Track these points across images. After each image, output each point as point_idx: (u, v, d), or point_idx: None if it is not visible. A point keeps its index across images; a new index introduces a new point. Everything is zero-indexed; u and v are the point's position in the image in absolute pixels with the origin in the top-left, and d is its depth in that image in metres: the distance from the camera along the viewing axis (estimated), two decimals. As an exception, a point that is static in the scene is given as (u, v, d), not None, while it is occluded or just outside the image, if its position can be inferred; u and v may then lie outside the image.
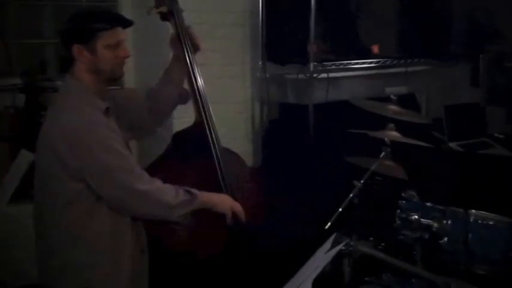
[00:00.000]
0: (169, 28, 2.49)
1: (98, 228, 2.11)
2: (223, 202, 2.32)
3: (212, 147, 2.47)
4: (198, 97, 2.47)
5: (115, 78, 2.20)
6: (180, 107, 2.54)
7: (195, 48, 2.48)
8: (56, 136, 2.05)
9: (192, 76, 2.46)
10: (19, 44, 3.91)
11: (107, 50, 2.10)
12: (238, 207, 2.33)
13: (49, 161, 2.08)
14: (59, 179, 2.07)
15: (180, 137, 2.57)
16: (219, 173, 2.46)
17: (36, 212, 2.21)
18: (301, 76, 4.03)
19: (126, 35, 2.16)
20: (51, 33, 4.06)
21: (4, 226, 3.15)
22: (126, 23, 2.16)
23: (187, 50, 2.44)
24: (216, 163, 2.46)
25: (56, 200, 2.10)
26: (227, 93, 4.08)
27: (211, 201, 2.28)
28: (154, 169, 2.34)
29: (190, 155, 2.49)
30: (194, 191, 2.22)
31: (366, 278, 2.43)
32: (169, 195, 2.16)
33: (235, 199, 2.38)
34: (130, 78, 4.06)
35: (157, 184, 2.16)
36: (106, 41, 2.09)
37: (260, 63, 4.23)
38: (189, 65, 2.45)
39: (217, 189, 2.42)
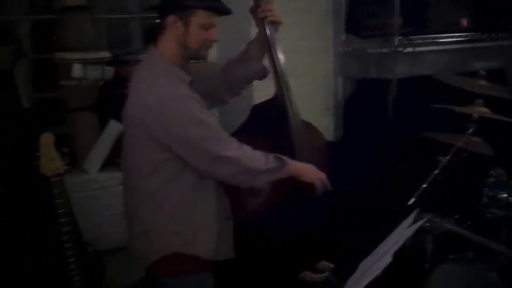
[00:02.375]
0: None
1: (181, 196, 2.17)
2: (311, 172, 2.31)
3: (290, 121, 2.47)
4: (278, 71, 2.47)
5: (197, 58, 2.24)
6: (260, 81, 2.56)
7: (275, 22, 2.46)
8: (143, 108, 2.11)
9: (273, 49, 2.46)
10: (106, 19, 4.05)
11: (198, 29, 2.14)
12: (324, 177, 2.31)
13: (136, 131, 2.15)
14: (145, 149, 2.14)
15: (259, 110, 2.58)
16: (296, 146, 2.46)
17: (123, 179, 2.30)
18: (384, 50, 3.94)
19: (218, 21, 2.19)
20: (136, 8, 4.18)
21: (93, 192, 3.29)
22: (224, 11, 2.19)
23: (267, 22, 2.44)
24: (294, 137, 2.47)
25: (141, 168, 2.17)
26: (308, 67, 4.05)
27: (299, 170, 2.27)
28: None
29: (269, 127, 2.50)
30: (284, 158, 2.23)
31: (450, 256, 2.38)
32: (259, 162, 2.18)
33: None
34: (212, 54, 4.10)
35: (246, 150, 2.18)
36: (201, 20, 2.13)
37: (342, 36, 4.17)
38: (269, 38, 2.45)
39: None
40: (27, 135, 2.65)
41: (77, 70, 3.37)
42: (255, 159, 2.18)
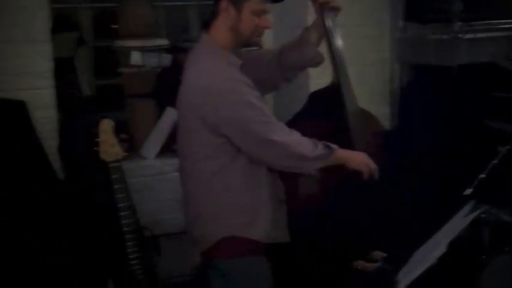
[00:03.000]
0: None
1: (236, 180, 2.19)
2: (360, 159, 2.29)
3: (347, 108, 2.46)
4: (336, 58, 2.45)
5: (250, 44, 2.24)
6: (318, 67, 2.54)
7: (335, 8, 2.44)
8: (196, 91, 2.15)
9: (331, 36, 2.44)
10: (165, 7, 4.10)
11: (251, 15, 2.15)
12: (373, 164, 2.30)
13: (190, 116, 2.19)
14: (199, 133, 2.18)
15: (316, 97, 2.58)
16: (352, 133, 2.44)
17: (179, 165, 2.35)
18: (444, 36, 3.85)
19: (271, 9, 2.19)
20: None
21: (150, 178, 3.36)
22: None
23: (327, 8, 2.42)
24: (350, 123, 2.45)
25: (196, 153, 2.21)
26: (363, 54, 4.00)
27: (347, 158, 2.27)
28: (290, 127, 2.37)
29: (326, 114, 2.50)
30: (333, 145, 2.23)
31: (506, 248, 2.33)
32: (308, 148, 2.19)
33: None
34: (268, 41, 4.11)
35: (295, 136, 2.19)
36: (253, 6, 2.14)
37: (400, 22, 4.09)
38: (328, 25, 2.43)
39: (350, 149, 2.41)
40: (87, 121, 2.73)
41: (135, 57, 3.44)
42: (304, 145, 2.18)
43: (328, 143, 2.23)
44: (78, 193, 2.84)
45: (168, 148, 3.43)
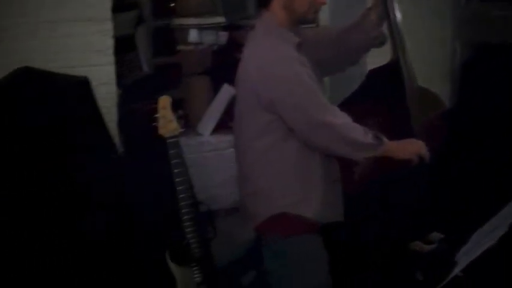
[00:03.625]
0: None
1: (290, 157, 2.20)
2: (409, 149, 2.25)
3: (406, 86, 2.41)
4: (395, 35, 2.41)
5: (306, 21, 2.23)
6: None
7: None
8: (252, 71, 2.16)
9: (391, 12, 2.40)
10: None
11: None
12: (423, 149, 2.25)
13: (246, 94, 2.21)
14: (254, 111, 2.19)
15: (374, 75, 2.54)
16: (411, 112, 2.41)
17: (235, 141, 2.37)
18: (509, 13, 3.71)
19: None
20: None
21: (206, 154, 3.41)
22: None
23: None
24: (410, 102, 2.41)
25: (250, 130, 2.23)
26: (425, 31, 3.90)
27: (396, 150, 2.23)
28: (345, 106, 2.36)
29: (384, 93, 2.46)
30: (383, 137, 2.19)
31: None
32: (358, 134, 2.16)
33: (424, 139, 2.31)
34: (324, 17, 4.06)
35: (347, 120, 2.18)
36: None
37: (463, -2, 3.98)
38: (386, 1, 2.38)
39: (407, 129, 2.37)
40: (147, 98, 2.78)
41: (193, 35, 3.47)
42: (356, 131, 2.16)
43: (379, 134, 2.19)
44: (137, 168, 2.90)
45: (224, 125, 3.46)
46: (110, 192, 2.71)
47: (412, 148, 2.25)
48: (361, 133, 2.17)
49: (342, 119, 2.17)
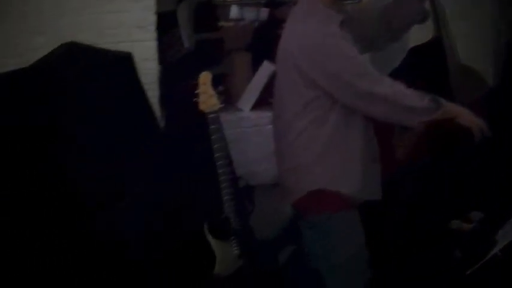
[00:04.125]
0: None
1: (329, 134, 2.20)
2: (469, 116, 2.19)
3: (449, 64, 2.39)
4: (438, 12, 2.37)
5: None
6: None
7: None
8: (295, 48, 2.16)
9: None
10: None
11: None
12: (482, 122, 2.19)
13: (287, 71, 2.21)
14: (296, 87, 2.19)
15: (416, 52, 2.52)
16: (453, 90, 2.38)
17: (274, 118, 2.39)
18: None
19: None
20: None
21: (246, 130, 3.44)
22: None
23: None
24: (452, 80, 2.38)
25: (291, 107, 2.23)
26: (468, 10, 3.82)
27: (456, 113, 2.18)
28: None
29: (426, 71, 2.44)
30: (441, 99, 2.16)
31: None
32: (413, 100, 2.13)
33: None
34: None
35: (400, 87, 2.14)
36: None
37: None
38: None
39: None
40: (187, 73, 2.81)
41: (234, 11, 3.48)
42: (409, 97, 2.12)
43: (437, 97, 2.15)
44: (179, 142, 2.95)
45: (264, 101, 3.48)
46: (150, 167, 2.76)
47: (473, 117, 2.19)
48: (415, 98, 2.13)
49: (394, 87, 2.15)
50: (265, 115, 3.32)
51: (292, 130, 2.26)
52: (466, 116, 2.18)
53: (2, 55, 2.83)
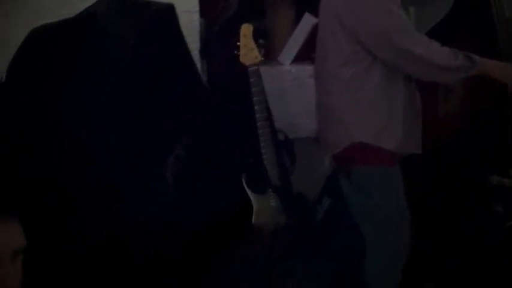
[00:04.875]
0: None
1: (371, 87, 2.20)
2: (506, 71, 2.18)
3: (495, 17, 2.32)
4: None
5: None
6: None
7: None
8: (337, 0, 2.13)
9: None
10: None
11: None
12: None
13: (329, 23, 2.19)
14: (337, 40, 2.18)
15: (461, 4, 2.45)
16: (500, 43, 2.32)
17: (316, 71, 2.38)
18: None
19: None
20: None
21: (286, 83, 3.42)
22: None
23: None
24: (499, 33, 2.32)
25: (333, 60, 2.23)
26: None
27: (491, 68, 2.18)
28: (432, 37, 2.30)
29: (471, 23, 2.38)
30: (475, 56, 2.14)
31: None
32: (448, 58, 2.13)
33: None
34: None
35: (434, 46, 2.14)
36: None
37: None
38: None
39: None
40: (229, 26, 2.80)
41: (277, -36, 3.42)
42: (444, 55, 2.13)
43: (471, 54, 2.14)
44: (218, 96, 2.97)
45: (305, 54, 3.44)
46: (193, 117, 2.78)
47: (509, 72, 2.18)
48: (450, 56, 2.14)
49: (430, 45, 2.14)
50: (306, 69, 3.28)
51: (334, 83, 2.26)
52: (501, 71, 2.17)
53: (51, 4, 2.87)
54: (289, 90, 3.40)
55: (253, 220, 2.60)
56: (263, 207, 2.62)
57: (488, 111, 2.45)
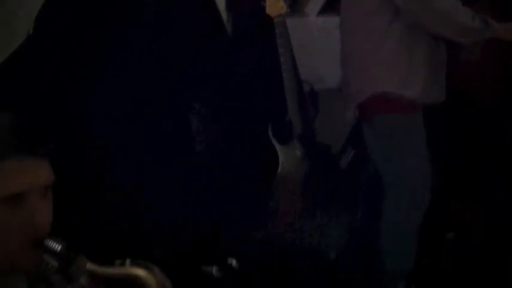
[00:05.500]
0: None
1: (396, 38, 2.22)
2: None
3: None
4: None
5: None
6: None
7: None
8: None
9: None
10: None
11: None
12: None
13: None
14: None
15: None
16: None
17: (341, 23, 2.39)
18: None
19: None
20: None
21: (312, 34, 3.42)
22: None
23: None
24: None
25: (357, 11, 2.25)
26: None
27: (505, 34, 2.20)
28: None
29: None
30: (490, 20, 2.16)
31: None
32: (465, 18, 2.15)
33: None
34: None
35: (454, 4, 2.14)
36: None
37: None
38: None
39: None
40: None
41: None
42: (463, 14, 2.15)
43: (487, 18, 2.16)
44: (244, 47, 2.98)
45: (331, 5, 3.43)
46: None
47: None
48: (468, 17, 2.15)
49: (450, 3, 2.15)
50: (332, 19, 3.28)
51: (359, 33, 2.27)
52: None
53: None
54: (314, 41, 3.41)
55: (279, 170, 2.65)
56: (289, 157, 2.67)
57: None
